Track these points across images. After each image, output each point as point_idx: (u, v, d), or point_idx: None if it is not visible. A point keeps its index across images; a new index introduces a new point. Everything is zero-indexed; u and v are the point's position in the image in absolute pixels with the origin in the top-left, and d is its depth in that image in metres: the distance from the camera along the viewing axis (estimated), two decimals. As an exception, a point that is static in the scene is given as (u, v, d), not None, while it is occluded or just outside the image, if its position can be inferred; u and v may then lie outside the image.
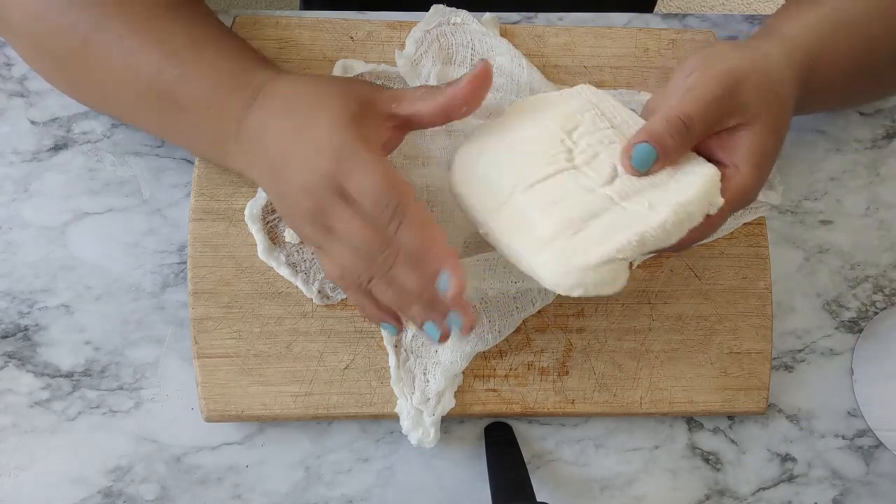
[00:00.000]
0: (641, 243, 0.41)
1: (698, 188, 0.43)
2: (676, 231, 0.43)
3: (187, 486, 0.53)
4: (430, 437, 0.52)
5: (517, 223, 0.43)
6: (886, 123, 0.62)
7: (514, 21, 0.61)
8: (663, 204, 0.42)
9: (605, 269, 0.40)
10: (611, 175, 0.44)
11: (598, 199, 0.43)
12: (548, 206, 0.43)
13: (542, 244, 0.42)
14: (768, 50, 0.47)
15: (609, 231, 0.41)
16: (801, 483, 0.56)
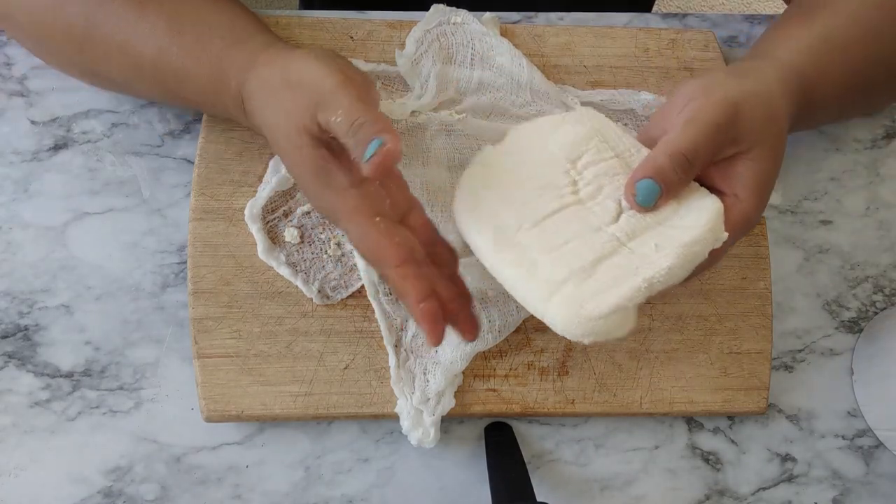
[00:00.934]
0: (650, 288, 0.41)
1: (704, 225, 0.43)
2: (683, 272, 0.42)
3: (187, 486, 0.53)
4: (430, 437, 0.51)
5: (523, 264, 0.43)
6: (886, 123, 0.62)
7: (514, 21, 0.61)
8: (670, 245, 0.42)
9: (614, 316, 0.40)
10: (616, 212, 0.44)
11: (605, 239, 0.43)
12: (555, 248, 0.42)
13: (550, 290, 0.41)
14: (764, 76, 0.47)
15: (617, 277, 0.41)
16: (801, 483, 0.56)
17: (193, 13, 0.49)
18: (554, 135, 0.47)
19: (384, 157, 0.39)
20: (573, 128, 0.46)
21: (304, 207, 0.54)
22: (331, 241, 0.54)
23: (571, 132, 0.46)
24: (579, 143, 0.46)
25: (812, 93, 0.49)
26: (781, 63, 0.49)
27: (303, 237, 0.54)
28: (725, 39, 0.62)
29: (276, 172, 0.54)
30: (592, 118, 0.47)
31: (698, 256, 0.43)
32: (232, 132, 0.55)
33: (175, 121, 0.58)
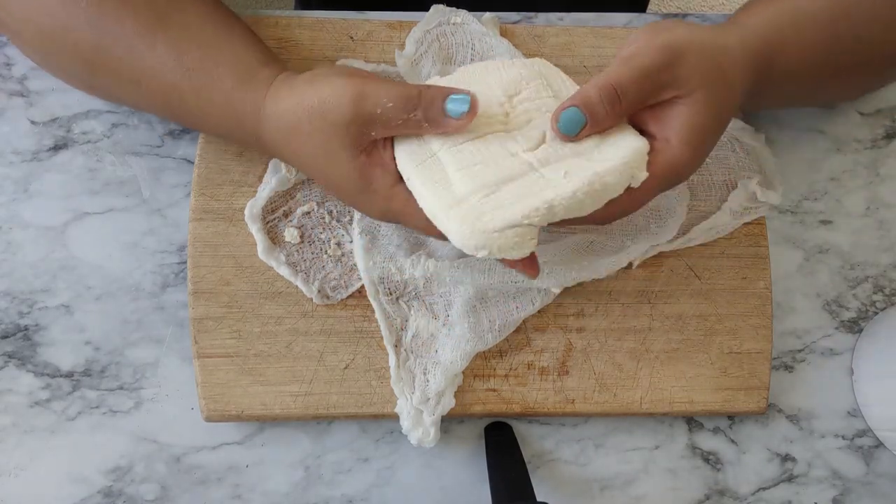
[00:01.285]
0: (550, 211, 0.41)
1: (620, 159, 0.43)
2: (591, 201, 0.42)
3: (187, 486, 0.53)
4: (430, 437, 0.51)
5: (437, 179, 0.43)
6: (886, 123, 0.62)
7: (514, 21, 0.61)
8: (580, 172, 0.42)
9: (510, 233, 0.41)
10: (538, 141, 0.44)
11: (518, 163, 0.43)
12: (468, 166, 0.43)
13: (453, 202, 0.42)
14: (722, 32, 0.47)
15: (520, 196, 0.41)
16: (801, 483, 0.56)
17: (201, 49, 0.47)
18: (497, 72, 0.47)
19: (475, 103, 0.43)
20: (518, 69, 0.47)
21: (304, 207, 0.54)
22: (331, 241, 0.54)
23: (515, 71, 0.47)
24: (519, 80, 0.46)
25: (777, 60, 0.48)
26: (745, 27, 0.49)
27: (303, 237, 0.54)
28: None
29: (276, 172, 0.54)
30: (541, 64, 0.48)
31: (609, 189, 0.42)
32: (232, 132, 0.55)
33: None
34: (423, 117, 0.43)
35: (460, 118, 0.43)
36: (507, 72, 0.47)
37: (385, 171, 0.45)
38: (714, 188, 0.57)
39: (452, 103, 0.43)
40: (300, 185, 0.55)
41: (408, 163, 0.44)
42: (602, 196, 0.42)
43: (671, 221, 0.55)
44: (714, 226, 0.56)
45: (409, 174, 0.44)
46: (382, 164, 0.45)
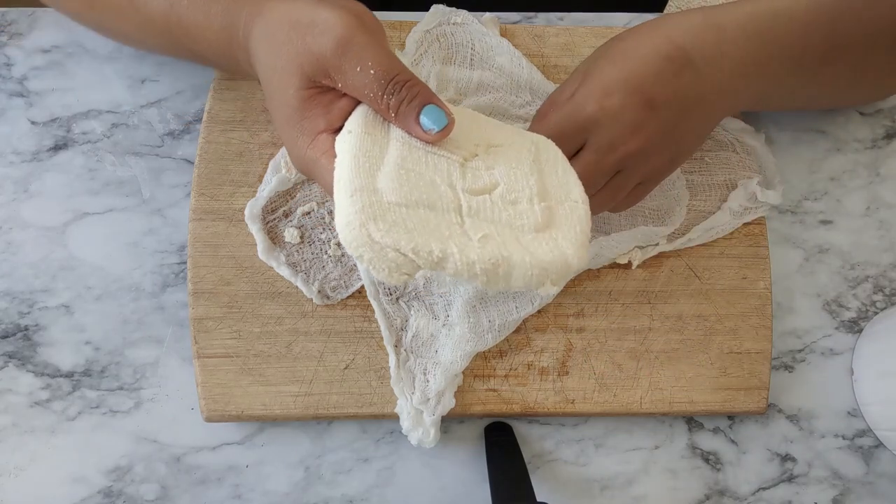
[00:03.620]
0: (440, 263, 0.37)
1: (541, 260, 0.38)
2: (485, 279, 0.38)
3: (187, 486, 0.53)
4: (430, 437, 0.51)
5: (371, 156, 0.40)
6: (886, 123, 0.62)
7: (514, 21, 0.61)
8: (495, 246, 0.38)
9: (391, 254, 0.36)
10: (484, 189, 0.41)
11: (449, 198, 0.39)
12: (406, 168, 0.40)
13: (365, 188, 0.38)
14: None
15: (426, 229, 0.37)
16: (801, 483, 0.56)
17: None
18: (501, 129, 0.45)
19: (450, 127, 0.41)
20: (523, 145, 0.44)
21: (305, 208, 0.54)
22: (331, 241, 0.54)
23: (516, 138, 0.44)
24: (510, 142, 0.44)
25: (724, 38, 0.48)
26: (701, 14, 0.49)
27: (303, 237, 0.54)
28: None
29: (276, 172, 0.54)
30: (548, 143, 0.45)
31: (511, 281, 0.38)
32: (232, 132, 0.55)
33: (175, 121, 0.58)
34: (394, 108, 0.41)
35: (427, 133, 0.41)
36: (505, 131, 0.45)
37: (323, 115, 0.43)
38: (714, 188, 0.57)
39: (427, 116, 0.41)
40: (300, 185, 0.55)
41: (358, 122, 0.41)
42: (500, 283, 0.38)
43: (670, 220, 0.56)
44: (714, 226, 0.56)
45: (351, 131, 0.41)
46: (326, 108, 0.43)
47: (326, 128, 0.42)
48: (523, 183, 0.41)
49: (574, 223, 0.41)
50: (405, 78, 0.41)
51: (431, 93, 0.41)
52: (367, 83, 0.41)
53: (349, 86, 0.41)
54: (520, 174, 0.42)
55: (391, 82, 0.41)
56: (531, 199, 0.41)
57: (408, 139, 0.41)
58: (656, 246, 0.55)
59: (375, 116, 0.42)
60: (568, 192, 0.42)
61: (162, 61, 0.59)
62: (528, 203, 0.41)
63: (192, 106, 0.58)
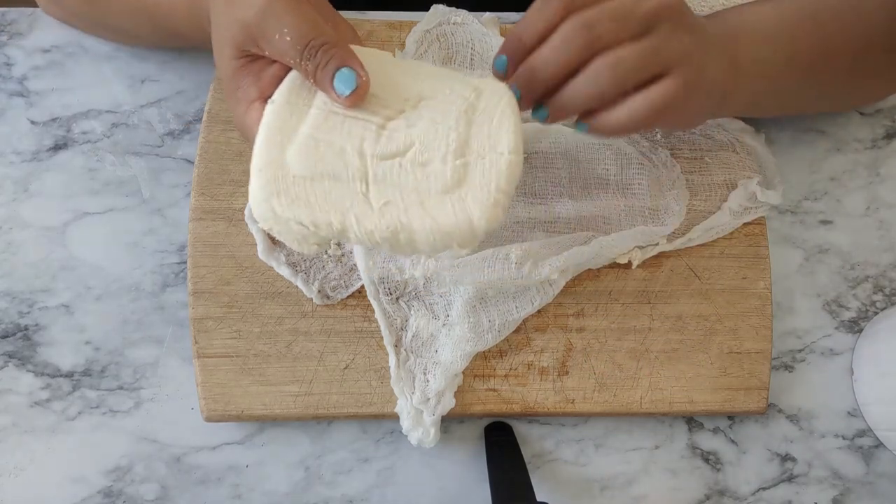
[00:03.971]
0: (341, 233, 0.39)
1: (445, 223, 0.39)
2: (388, 247, 0.39)
3: (187, 486, 0.53)
4: (430, 437, 0.51)
5: (287, 127, 0.40)
6: (886, 123, 0.62)
7: (514, 21, 0.61)
8: (396, 212, 0.39)
9: (294, 227, 0.39)
10: (394, 153, 0.40)
11: (356, 166, 0.39)
12: (316, 138, 0.40)
13: (272, 162, 0.39)
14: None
15: (328, 200, 0.39)
16: (801, 483, 0.56)
17: None
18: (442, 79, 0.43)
19: (362, 90, 0.40)
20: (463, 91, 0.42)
21: (304, 207, 0.54)
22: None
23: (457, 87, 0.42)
24: (447, 94, 0.42)
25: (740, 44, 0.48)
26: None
27: (303, 237, 0.54)
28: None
29: (276, 172, 0.54)
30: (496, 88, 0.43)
31: (416, 247, 0.39)
32: (232, 132, 0.55)
33: (175, 121, 0.58)
34: (311, 73, 0.41)
35: (341, 95, 0.40)
36: (446, 81, 0.43)
37: (254, 83, 0.43)
38: (714, 188, 0.57)
39: (340, 78, 0.40)
40: (300, 185, 0.55)
41: (283, 92, 0.41)
42: (406, 249, 0.39)
43: (669, 220, 0.56)
44: (714, 226, 0.56)
45: (274, 101, 0.41)
46: (256, 76, 0.43)
47: (258, 96, 0.43)
48: (442, 140, 0.40)
49: (490, 179, 0.39)
50: (320, 41, 0.40)
51: (349, 55, 0.40)
52: (286, 49, 0.41)
53: (273, 52, 0.42)
54: (441, 130, 0.40)
55: (307, 47, 0.40)
56: (445, 157, 0.40)
57: (329, 104, 0.41)
58: (656, 246, 0.55)
59: (303, 83, 0.42)
60: (496, 143, 0.40)
61: (162, 60, 0.59)
62: (441, 162, 0.40)
63: (192, 106, 0.58)
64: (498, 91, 0.42)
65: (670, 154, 0.57)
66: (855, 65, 0.52)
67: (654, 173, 0.57)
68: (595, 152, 0.56)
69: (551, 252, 0.53)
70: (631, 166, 0.56)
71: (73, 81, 0.58)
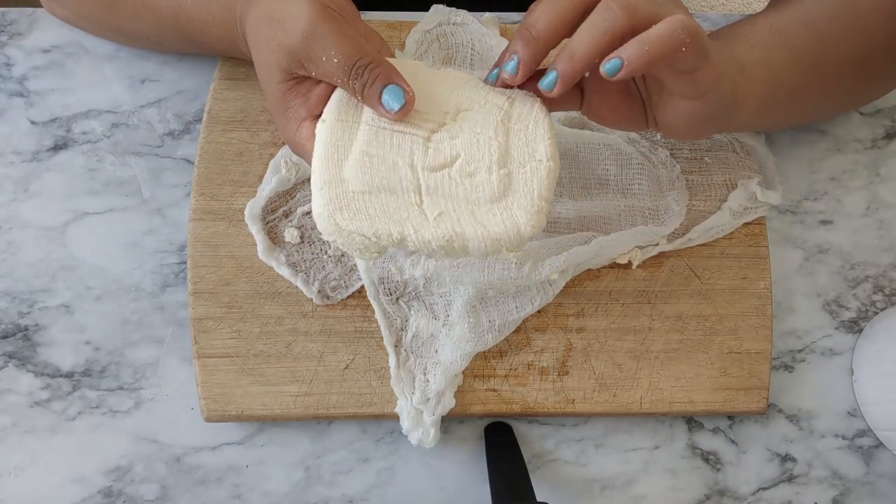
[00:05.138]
0: (400, 242, 0.41)
1: (496, 230, 0.42)
2: (444, 254, 0.42)
3: (187, 486, 0.53)
4: (430, 437, 0.52)
5: (341, 144, 0.43)
6: (886, 123, 0.62)
7: (514, 21, 0.61)
8: (450, 222, 0.41)
9: (357, 238, 0.41)
10: (443, 164, 0.43)
11: (409, 178, 0.42)
12: (370, 153, 0.42)
13: (333, 179, 0.42)
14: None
15: (386, 212, 0.41)
16: (801, 483, 0.56)
17: None
18: (475, 89, 0.45)
19: (409, 105, 0.43)
20: (498, 98, 0.44)
21: (305, 208, 0.54)
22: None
23: (490, 96, 0.45)
24: (483, 103, 0.44)
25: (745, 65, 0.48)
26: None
27: (303, 237, 0.54)
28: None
29: (276, 172, 0.54)
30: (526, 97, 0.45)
31: (470, 252, 0.42)
32: (232, 132, 0.55)
33: (175, 121, 0.58)
34: (359, 91, 0.43)
35: (389, 111, 0.42)
36: (480, 91, 0.45)
37: (303, 103, 0.45)
38: (714, 188, 0.57)
39: (388, 94, 0.42)
40: (300, 185, 0.55)
41: (333, 111, 0.44)
42: (460, 254, 0.42)
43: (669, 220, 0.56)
44: (714, 226, 0.56)
45: (325, 120, 0.44)
46: (305, 96, 0.45)
47: (308, 115, 0.45)
48: (484, 150, 0.43)
49: (533, 187, 0.43)
50: (367, 62, 0.42)
51: (393, 72, 0.43)
52: (334, 70, 0.43)
53: (321, 74, 0.43)
54: (482, 140, 0.43)
55: (354, 67, 0.42)
56: (490, 167, 0.43)
57: (377, 119, 0.44)
58: (656, 246, 0.56)
59: (349, 99, 0.44)
60: (533, 151, 0.43)
61: (162, 60, 0.59)
62: (487, 172, 0.43)
63: (192, 106, 0.58)
64: (528, 98, 0.45)
65: (670, 154, 0.57)
66: (859, 64, 0.52)
67: (654, 173, 0.57)
68: (595, 152, 0.56)
69: (551, 252, 0.53)
70: (631, 166, 0.56)
71: (73, 81, 0.58)
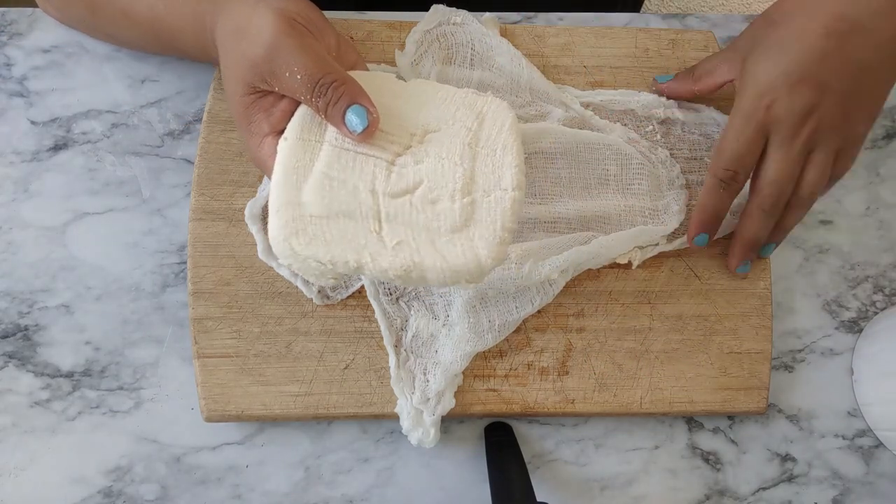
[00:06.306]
0: (357, 270, 0.40)
1: (456, 262, 0.40)
2: (401, 282, 0.41)
3: (187, 486, 0.53)
4: (430, 437, 0.51)
5: (301, 165, 0.42)
6: (886, 123, 0.62)
7: (514, 21, 0.61)
8: (408, 251, 0.40)
9: (313, 263, 0.40)
10: (405, 190, 0.42)
11: (368, 204, 0.41)
12: (329, 176, 0.41)
13: (290, 201, 0.41)
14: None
15: (343, 239, 0.40)
16: (801, 483, 0.56)
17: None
18: (442, 102, 0.44)
19: (373, 126, 0.42)
20: (465, 111, 0.44)
21: (304, 207, 0.54)
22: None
23: (457, 112, 0.44)
24: (448, 117, 0.44)
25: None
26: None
27: (303, 237, 0.54)
28: (725, 40, 0.62)
29: (276, 172, 0.54)
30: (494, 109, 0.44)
31: (428, 282, 0.41)
32: (232, 132, 0.55)
33: (175, 121, 0.58)
34: (322, 109, 0.42)
35: (353, 132, 0.41)
36: (449, 107, 0.44)
37: (266, 118, 0.44)
38: (714, 188, 0.57)
39: (352, 114, 0.41)
40: (300, 185, 0.55)
41: (295, 129, 0.43)
42: (418, 283, 0.41)
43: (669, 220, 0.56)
44: (714, 226, 0.56)
45: (287, 138, 0.42)
46: (268, 111, 0.44)
47: (270, 130, 0.44)
48: (448, 176, 0.42)
49: (495, 218, 0.41)
50: (331, 79, 0.42)
51: (359, 91, 0.42)
52: (297, 87, 0.42)
53: (284, 89, 0.43)
54: (447, 166, 0.42)
55: (318, 85, 0.41)
56: (453, 195, 0.42)
57: (340, 140, 0.43)
58: (656, 246, 0.56)
59: (313, 117, 0.43)
60: (499, 179, 0.42)
61: (162, 60, 0.59)
62: (450, 200, 0.41)
63: (192, 106, 0.58)
64: (500, 117, 0.44)
65: (670, 154, 0.57)
66: None
67: (654, 173, 0.57)
68: (595, 152, 0.56)
69: (551, 252, 0.53)
70: (631, 166, 0.56)
71: (73, 81, 0.58)
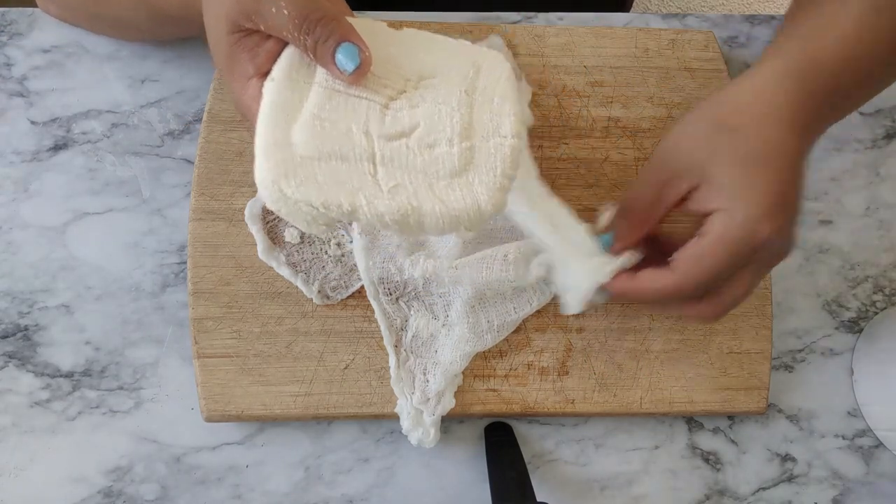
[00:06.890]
0: (351, 214, 0.38)
1: (454, 207, 0.39)
2: (397, 228, 0.39)
3: (187, 486, 0.53)
4: (430, 437, 0.51)
5: (290, 105, 0.39)
6: (886, 123, 0.62)
7: (514, 21, 0.61)
8: (405, 195, 0.39)
9: (304, 208, 0.38)
10: (400, 133, 0.40)
11: (363, 146, 0.39)
12: (321, 118, 0.39)
13: (279, 141, 0.38)
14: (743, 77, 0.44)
15: (336, 181, 0.38)
16: (801, 483, 0.56)
17: None
18: (438, 51, 0.42)
19: (365, 66, 0.39)
20: (461, 59, 0.42)
21: (304, 207, 0.54)
22: (331, 240, 0.54)
23: (453, 59, 0.42)
24: (446, 69, 0.42)
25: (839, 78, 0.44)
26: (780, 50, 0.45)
27: (303, 237, 0.54)
28: (725, 40, 0.62)
29: (276, 172, 0.54)
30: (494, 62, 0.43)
31: (425, 230, 0.39)
32: (232, 132, 0.55)
33: (175, 121, 0.58)
34: (311, 48, 0.39)
35: (344, 72, 0.39)
36: (443, 54, 0.42)
37: (250, 60, 0.42)
38: (714, 188, 0.57)
39: (343, 53, 0.39)
40: (300, 185, 0.55)
41: (282, 68, 0.40)
42: (415, 230, 0.39)
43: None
44: (714, 226, 0.56)
45: (274, 78, 0.40)
46: (252, 51, 0.42)
47: (255, 72, 0.42)
48: (446, 121, 0.40)
49: (495, 163, 0.40)
50: (319, 15, 0.39)
51: (349, 30, 0.40)
52: (283, 23, 0.40)
53: (270, 27, 0.40)
54: (444, 111, 0.40)
55: (306, 21, 0.39)
56: (451, 139, 0.40)
57: (331, 81, 0.40)
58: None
59: (301, 58, 0.41)
60: (498, 126, 0.41)
61: (163, 60, 0.59)
62: (448, 145, 0.40)
63: (192, 106, 0.58)
64: (496, 66, 0.42)
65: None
66: None
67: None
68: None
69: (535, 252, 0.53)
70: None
71: (73, 81, 0.58)
